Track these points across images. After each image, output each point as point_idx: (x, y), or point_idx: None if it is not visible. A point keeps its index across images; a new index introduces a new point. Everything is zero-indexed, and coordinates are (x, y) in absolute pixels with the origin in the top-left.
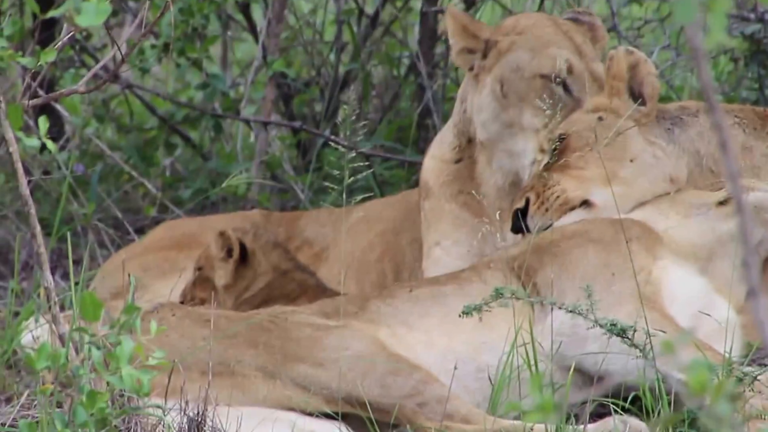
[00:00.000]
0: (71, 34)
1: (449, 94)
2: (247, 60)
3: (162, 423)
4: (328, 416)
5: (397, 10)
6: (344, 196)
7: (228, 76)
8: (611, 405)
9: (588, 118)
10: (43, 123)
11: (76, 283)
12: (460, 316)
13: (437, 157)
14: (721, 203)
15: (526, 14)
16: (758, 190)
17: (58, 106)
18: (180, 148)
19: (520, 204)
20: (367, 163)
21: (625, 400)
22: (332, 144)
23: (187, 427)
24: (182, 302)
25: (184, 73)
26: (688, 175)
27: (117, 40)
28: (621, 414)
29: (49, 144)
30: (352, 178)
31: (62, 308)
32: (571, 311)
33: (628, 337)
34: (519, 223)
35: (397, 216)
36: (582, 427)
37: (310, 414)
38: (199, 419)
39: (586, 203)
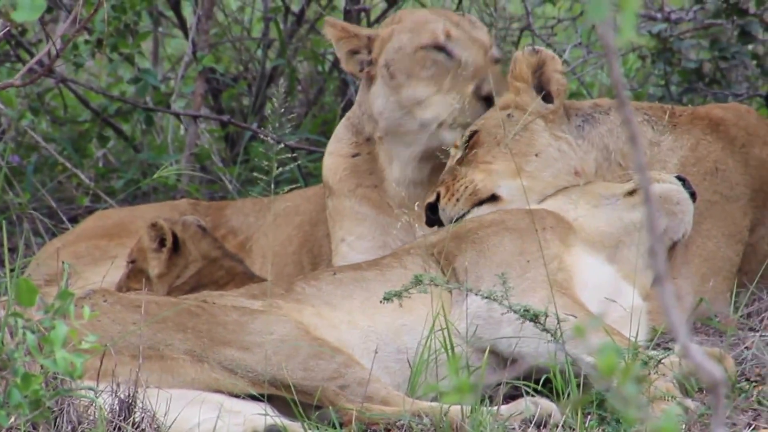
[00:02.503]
0: (7, 29)
1: None
2: (177, 55)
3: (94, 405)
4: (254, 398)
5: (322, 8)
6: (272, 187)
7: (159, 70)
8: (524, 387)
9: (498, 115)
10: None
11: (12, 270)
12: (381, 302)
13: (334, 153)
14: (629, 194)
15: (406, 9)
16: (664, 182)
17: None
18: (112, 140)
19: (431, 198)
20: (293, 155)
21: (536, 382)
22: (260, 137)
23: (118, 409)
24: None
25: (116, 68)
26: (596, 169)
27: (52, 36)
28: (533, 395)
29: None
30: (279, 170)
31: None
32: (486, 297)
33: (540, 322)
34: (432, 216)
35: (314, 208)
36: (496, 408)
37: (237, 396)
38: (130, 401)
39: (493, 197)
